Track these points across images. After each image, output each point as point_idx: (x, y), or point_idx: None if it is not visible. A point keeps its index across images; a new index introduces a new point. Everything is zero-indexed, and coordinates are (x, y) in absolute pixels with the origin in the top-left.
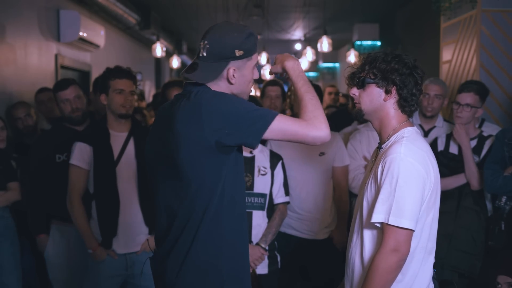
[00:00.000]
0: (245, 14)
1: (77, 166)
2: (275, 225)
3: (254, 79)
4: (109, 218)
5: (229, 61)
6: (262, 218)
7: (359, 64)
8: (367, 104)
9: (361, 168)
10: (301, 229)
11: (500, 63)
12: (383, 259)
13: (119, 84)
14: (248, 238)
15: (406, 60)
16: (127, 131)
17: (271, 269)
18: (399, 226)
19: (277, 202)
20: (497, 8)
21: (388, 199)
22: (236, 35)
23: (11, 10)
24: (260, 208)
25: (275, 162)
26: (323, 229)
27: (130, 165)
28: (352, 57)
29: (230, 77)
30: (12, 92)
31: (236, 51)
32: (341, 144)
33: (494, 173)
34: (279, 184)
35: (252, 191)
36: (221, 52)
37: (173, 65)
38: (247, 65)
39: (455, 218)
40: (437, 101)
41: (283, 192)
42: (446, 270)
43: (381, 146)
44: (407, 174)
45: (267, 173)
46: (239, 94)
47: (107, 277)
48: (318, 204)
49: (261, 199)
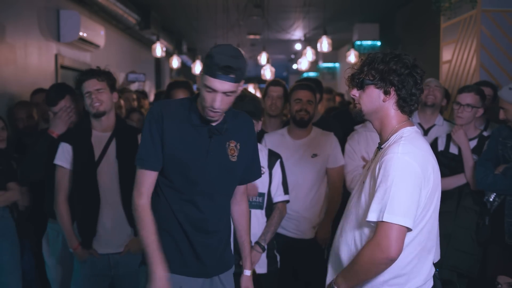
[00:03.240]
0: (245, 14)
1: (60, 166)
2: (274, 224)
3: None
4: (88, 218)
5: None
6: (261, 217)
7: (359, 65)
8: (366, 105)
9: (359, 168)
10: (290, 228)
11: (500, 63)
12: (369, 251)
13: (85, 87)
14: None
15: (405, 60)
16: (110, 131)
17: (270, 268)
18: (392, 223)
19: (276, 201)
20: (497, 8)
21: (383, 198)
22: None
23: (11, 10)
24: (258, 207)
25: (273, 161)
26: (311, 229)
27: (112, 165)
28: (352, 57)
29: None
30: (12, 92)
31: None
32: (335, 145)
33: (485, 170)
34: (277, 183)
35: None
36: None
37: (173, 65)
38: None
39: (455, 218)
40: (437, 91)
41: (282, 190)
42: (445, 270)
43: (381, 146)
44: (403, 173)
45: (264, 172)
46: None
47: (90, 276)
48: (309, 205)
49: (259, 198)
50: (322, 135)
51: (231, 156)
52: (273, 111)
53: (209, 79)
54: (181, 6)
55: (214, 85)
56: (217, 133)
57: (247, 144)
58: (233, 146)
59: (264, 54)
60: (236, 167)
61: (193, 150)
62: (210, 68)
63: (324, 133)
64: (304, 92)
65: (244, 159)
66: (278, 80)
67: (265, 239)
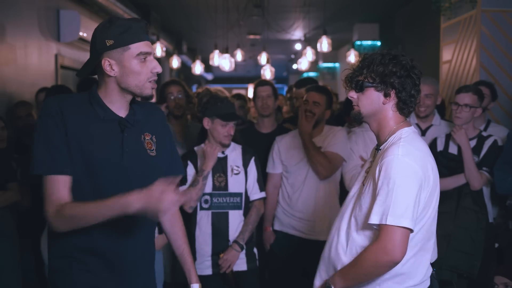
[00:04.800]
0: (245, 14)
1: None
2: (251, 222)
3: (154, 72)
4: None
5: (101, 53)
6: (239, 218)
7: (356, 67)
8: (366, 107)
9: (358, 168)
10: (303, 229)
11: (500, 63)
12: (374, 254)
13: None
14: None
15: (403, 61)
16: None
17: (249, 266)
18: (397, 226)
19: (252, 199)
20: (497, 8)
21: (385, 200)
22: (108, 26)
23: (11, 10)
24: (236, 207)
25: (247, 159)
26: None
27: None
28: (352, 57)
29: (106, 69)
30: (12, 92)
31: (107, 41)
32: (339, 135)
33: (503, 174)
34: (253, 181)
35: (227, 191)
36: (94, 46)
37: (173, 65)
38: (125, 56)
39: (454, 219)
40: (428, 100)
41: (258, 188)
42: (445, 270)
43: (379, 148)
44: (404, 175)
45: (240, 171)
46: (129, 88)
47: None
48: (318, 205)
49: (236, 199)
50: (330, 130)
51: (149, 151)
52: (265, 111)
53: (138, 44)
54: (181, 6)
55: (146, 48)
56: (129, 126)
57: (162, 135)
58: (149, 139)
59: (264, 54)
60: (158, 163)
61: (106, 148)
62: (132, 35)
63: (332, 128)
64: (311, 93)
65: (163, 153)
66: (264, 80)
67: (243, 238)
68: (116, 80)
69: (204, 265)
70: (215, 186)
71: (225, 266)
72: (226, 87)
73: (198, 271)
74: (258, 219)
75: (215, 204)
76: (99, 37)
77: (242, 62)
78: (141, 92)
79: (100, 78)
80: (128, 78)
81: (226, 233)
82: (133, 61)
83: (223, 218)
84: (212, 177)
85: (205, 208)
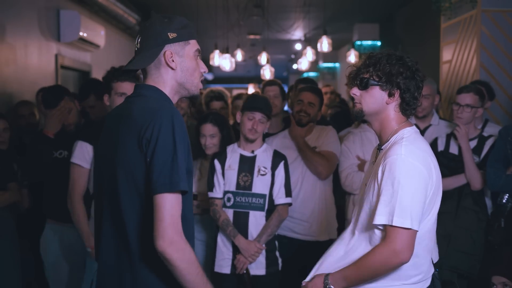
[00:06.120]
0: (245, 14)
1: (78, 165)
2: (271, 226)
3: (203, 72)
4: None
5: (163, 45)
6: (260, 219)
7: (361, 64)
8: (369, 105)
9: (354, 167)
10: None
11: (500, 63)
12: (383, 256)
13: (121, 87)
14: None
15: (409, 63)
16: None
17: (269, 270)
18: (404, 227)
19: (277, 203)
20: (497, 8)
21: (390, 201)
22: (167, 21)
23: (11, 10)
24: (258, 208)
25: (277, 162)
26: (323, 231)
27: None
28: (352, 57)
29: (168, 60)
30: (13, 92)
31: (169, 34)
32: (331, 134)
33: (496, 171)
34: (279, 185)
35: (250, 191)
36: (155, 38)
37: None
38: (186, 50)
39: (455, 219)
40: (425, 101)
41: (284, 193)
42: (445, 270)
43: (381, 147)
44: (409, 175)
45: (267, 173)
46: (185, 84)
47: None
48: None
49: (260, 200)
50: (322, 130)
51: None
52: (272, 111)
53: (195, 42)
54: (181, 6)
55: (199, 47)
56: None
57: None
58: None
59: (264, 54)
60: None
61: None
62: (191, 31)
63: (323, 128)
64: (307, 94)
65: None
66: (273, 80)
67: (260, 240)
68: (175, 74)
69: (224, 262)
70: (239, 185)
71: (239, 266)
72: (226, 87)
73: (217, 268)
74: (279, 224)
75: (237, 203)
76: (160, 29)
77: (242, 62)
78: (195, 89)
79: (156, 74)
80: (186, 73)
81: (246, 233)
82: (192, 56)
83: (244, 218)
84: (237, 176)
85: (228, 206)
